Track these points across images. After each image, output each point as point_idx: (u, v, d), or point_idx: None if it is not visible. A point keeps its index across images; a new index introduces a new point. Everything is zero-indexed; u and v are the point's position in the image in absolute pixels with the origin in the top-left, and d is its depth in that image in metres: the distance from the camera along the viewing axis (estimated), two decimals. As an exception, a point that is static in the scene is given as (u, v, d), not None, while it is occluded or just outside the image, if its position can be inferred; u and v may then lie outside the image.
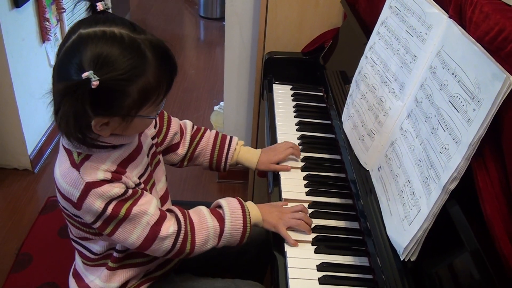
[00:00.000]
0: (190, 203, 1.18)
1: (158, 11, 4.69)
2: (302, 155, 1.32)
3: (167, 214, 1.01)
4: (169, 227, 0.99)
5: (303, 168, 1.28)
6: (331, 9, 1.71)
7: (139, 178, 0.99)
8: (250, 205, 1.09)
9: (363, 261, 1.04)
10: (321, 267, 1.01)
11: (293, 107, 1.57)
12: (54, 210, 1.45)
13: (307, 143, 1.39)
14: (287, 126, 1.47)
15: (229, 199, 1.09)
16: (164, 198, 1.12)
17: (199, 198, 2.38)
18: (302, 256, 1.04)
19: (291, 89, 1.66)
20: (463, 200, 0.81)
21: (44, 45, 2.46)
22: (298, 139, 1.40)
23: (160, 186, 1.11)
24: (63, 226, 1.39)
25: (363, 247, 1.06)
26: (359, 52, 1.28)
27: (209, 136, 1.27)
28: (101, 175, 0.91)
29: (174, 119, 1.22)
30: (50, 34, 2.46)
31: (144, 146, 1.05)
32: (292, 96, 1.63)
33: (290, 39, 1.77)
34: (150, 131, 1.10)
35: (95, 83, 0.80)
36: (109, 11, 0.89)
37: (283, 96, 1.63)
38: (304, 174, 1.26)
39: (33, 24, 2.35)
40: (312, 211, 1.15)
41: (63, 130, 0.85)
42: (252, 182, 2.18)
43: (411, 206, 0.90)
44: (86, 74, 0.79)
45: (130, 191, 0.94)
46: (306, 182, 1.24)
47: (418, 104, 0.97)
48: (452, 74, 0.86)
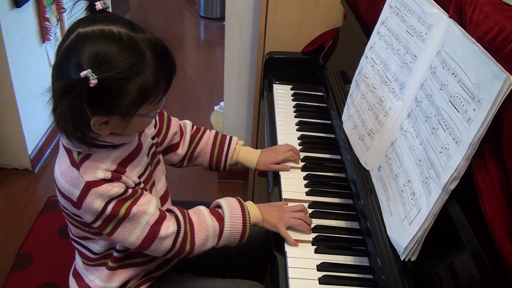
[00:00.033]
0: (190, 203, 1.18)
1: (158, 11, 4.68)
2: (302, 155, 1.32)
3: (167, 214, 1.01)
4: (168, 227, 0.99)
5: (303, 168, 1.28)
6: (331, 9, 1.71)
7: (139, 178, 0.99)
8: (249, 205, 1.09)
9: (363, 261, 1.04)
10: (321, 267, 1.01)
11: (293, 107, 1.56)
12: (54, 210, 1.45)
13: (307, 143, 1.39)
14: (287, 126, 1.47)
15: (228, 199, 1.09)
16: (164, 198, 1.12)
17: (199, 198, 2.38)
18: (302, 256, 1.04)
19: (291, 89, 1.66)
20: (463, 200, 0.81)
21: (44, 45, 2.46)
22: (298, 139, 1.40)
23: (160, 186, 1.11)
24: (63, 226, 1.39)
25: (363, 247, 1.06)
26: (359, 52, 1.28)
27: (208, 136, 1.27)
28: (101, 174, 0.91)
29: (174, 119, 1.22)
30: (50, 34, 2.45)
31: (144, 146, 1.05)
32: (292, 96, 1.63)
33: (290, 39, 1.77)
34: (150, 131, 1.11)
35: (93, 81, 0.79)
36: (108, 10, 0.89)
37: (283, 96, 1.63)
38: (304, 174, 1.26)
39: (33, 24, 2.35)
40: (312, 211, 1.15)
41: (62, 129, 0.85)
42: (252, 182, 2.18)
43: (411, 206, 0.89)
44: (84, 73, 0.79)
45: (130, 191, 0.94)
46: (306, 182, 1.24)
47: (418, 104, 0.97)
48: (452, 74, 0.86)
